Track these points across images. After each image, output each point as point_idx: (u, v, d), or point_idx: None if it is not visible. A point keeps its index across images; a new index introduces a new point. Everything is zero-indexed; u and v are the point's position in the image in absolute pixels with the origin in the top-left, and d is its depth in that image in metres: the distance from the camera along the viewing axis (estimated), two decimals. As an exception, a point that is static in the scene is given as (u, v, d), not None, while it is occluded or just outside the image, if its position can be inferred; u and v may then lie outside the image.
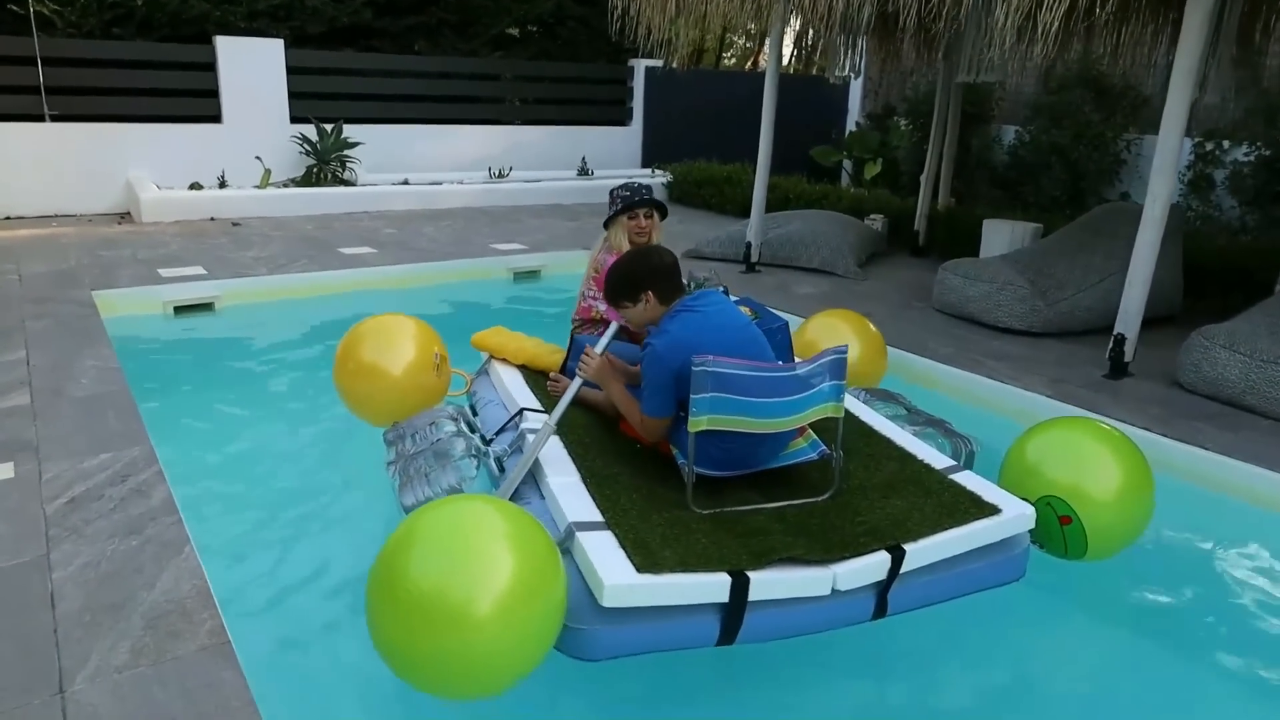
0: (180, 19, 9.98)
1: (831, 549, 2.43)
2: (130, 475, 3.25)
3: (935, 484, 2.80)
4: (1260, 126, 8.54)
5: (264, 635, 2.64)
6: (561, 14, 12.86)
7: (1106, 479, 2.76)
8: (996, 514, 2.62)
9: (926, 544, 2.48)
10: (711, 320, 2.76)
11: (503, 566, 2.00)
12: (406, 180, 10.77)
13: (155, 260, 6.90)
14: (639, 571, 2.24)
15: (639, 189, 3.85)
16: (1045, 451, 2.89)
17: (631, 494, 2.67)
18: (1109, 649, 2.93)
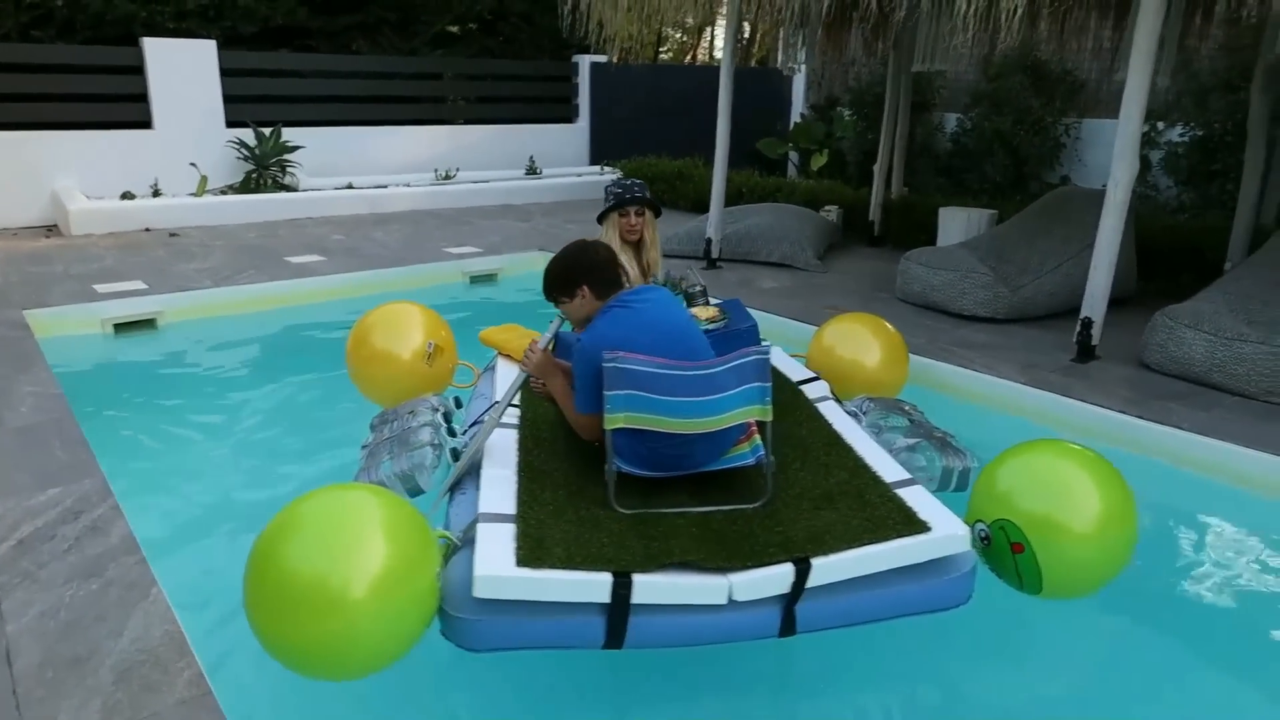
0: (104, 20, 9.54)
1: (734, 557, 2.32)
2: (84, 511, 3.03)
3: (876, 497, 2.59)
4: (1192, 108, 8.77)
5: (248, 682, 2.47)
6: (502, 10, 12.65)
7: (1071, 507, 2.43)
8: (924, 532, 2.38)
9: (838, 559, 2.29)
10: (642, 317, 2.72)
11: (373, 552, 2.03)
12: (351, 184, 10.46)
13: (90, 275, 6.55)
14: (518, 565, 2.21)
15: (631, 186, 3.76)
16: (1013, 473, 2.57)
17: (559, 490, 2.67)
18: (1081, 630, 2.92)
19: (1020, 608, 2.73)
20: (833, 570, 2.29)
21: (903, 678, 2.70)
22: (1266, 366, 4.32)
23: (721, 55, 7.30)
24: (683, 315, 2.85)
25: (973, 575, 2.45)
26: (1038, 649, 2.85)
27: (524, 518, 2.47)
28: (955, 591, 2.43)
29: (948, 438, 3.27)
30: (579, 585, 2.20)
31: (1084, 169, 10.06)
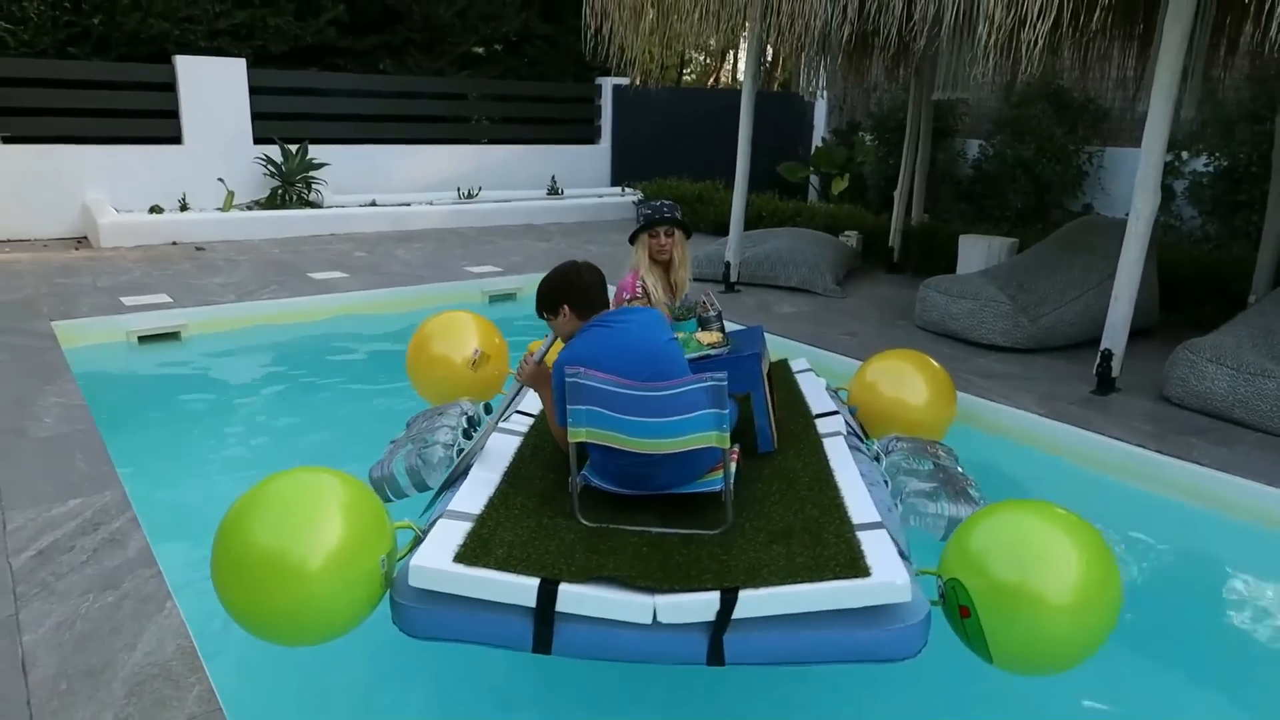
0: (138, 38, 9.73)
1: (666, 580, 2.32)
2: (103, 523, 3.07)
3: (833, 537, 2.48)
4: (1217, 138, 8.72)
5: (259, 698, 2.48)
6: (527, 32, 12.79)
7: (1031, 577, 2.18)
8: (863, 577, 2.26)
9: (766, 594, 2.23)
10: (619, 337, 2.79)
11: (329, 531, 2.20)
12: (374, 201, 10.58)
13: (117, 288, 6.66)
14: (455, 561, 2.32)
15: (660, 206, 3.77)
16: (979, 532, 2.35)
17: (533, 498, 2.75)
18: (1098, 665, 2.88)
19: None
20: (760, 604, 2.23)
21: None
22: (1290, 402, 4.26)
23: (743, 79, 7.35)
24: (659, 338, 2.85)
25: (923, 628, 2.25)
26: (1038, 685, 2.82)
27: (484, 519, 2.59)
28: (898, 643, 2.23)
29: (968, 486, 3.11)
30: (506, 587, 2.27)
31: (1107, 198, 10.01)
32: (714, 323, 3.46)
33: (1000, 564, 2.22)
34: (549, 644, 2.28)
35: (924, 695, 2.67)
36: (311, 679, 2.68)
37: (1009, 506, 2.42)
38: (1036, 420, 4.47)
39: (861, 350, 5.47)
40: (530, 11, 12.55)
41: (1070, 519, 2.32)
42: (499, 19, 12.26)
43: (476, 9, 11.97)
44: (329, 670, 2.71)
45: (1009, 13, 4.48)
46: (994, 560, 2.24)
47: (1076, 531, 2.28)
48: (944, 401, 3.84)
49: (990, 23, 4.55)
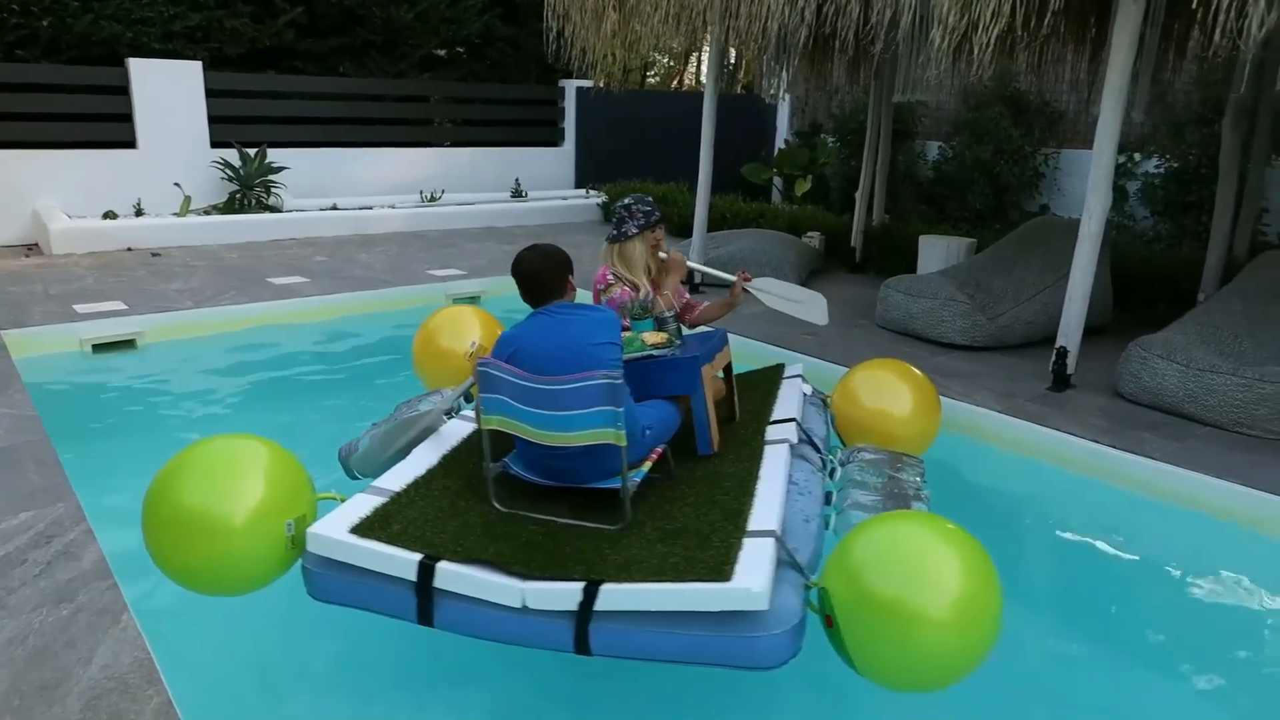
0: (90, 40, 9.52)
1: (537, 567, 2.40)
2: (56, 535, 3.01)
3: (719, 541, 2.49)
4: (1167, 141, 8.94)
5: (219, 709, 2.45)
6: (489, 35, 12.73)
7: (898, 588, 2.14)
8: (721, 581, 2.26)
9: (626, 589, 2.28)
10: (553, 328, 2.86)
11: (238, 493, 2.43)
12: (335, 205, 10.47)
13: (69, 295, 6.51)
14: (350, 531, 2.49)
15: (652, 205, 3.84)
16: (856, 541, 2.31)
17: (458, 481, 2.90)
18: (1051, 658, 2.94)
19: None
20: (620, 599, 2.27)
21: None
22: (1236, 398, 4.38)
23: (706, 82, 7.39)
24: (593, 338, 2.84)
25: (787, 639, 2.22)
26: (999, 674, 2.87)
27: (400, 496, 2.75)
28: (757, 651, 2.21)
29: (917, 501, 3.05)
30: (390, 559, 2.42)
31: (1063, 198, 10.21)
32: (669, 323, 3.47)
33: (865, 575, 2.20)
34: (430, 617, 2.41)
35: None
36: (271, 688, 2.64)
37: (890, 518, 2.42)
38: (995, 416, 4.55)
39: (822, 350, 5.54)
40: (492, 14, 12.50)
41: (953, 534, 2.28)
42: (460, 22, 12.19)
43: (437, 11, 11.89)
44: (289, 679, 2.68)
45: (962, 16, 4.55)
46: (860, 570, 2.21)
47: (954, 547, 2.24)
48: (928, 413, 3.76)
49: (944, 26, 4.62)
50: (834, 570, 2.28)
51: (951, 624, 2.13)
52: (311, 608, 2.98)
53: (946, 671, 2.19)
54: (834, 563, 2.29)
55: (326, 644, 2.88)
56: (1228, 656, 2.97)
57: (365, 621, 2.92)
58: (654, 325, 3.50)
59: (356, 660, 2.83)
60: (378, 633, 2.95)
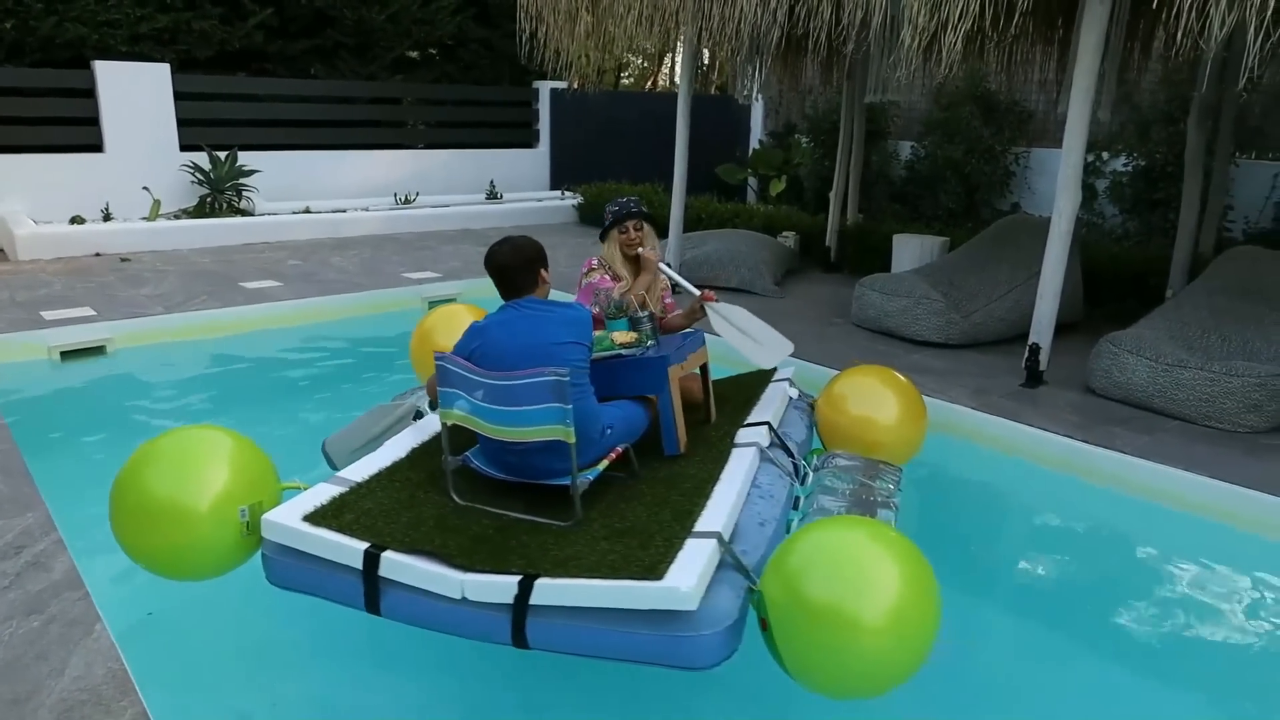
0: (54, 43, 9.37)
1: (477, 560, 2.45)
2: (26, 546, 2.96)
3: (662, 541, 2.49)
4: (1135, 139, 9.07)
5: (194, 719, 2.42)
6: (462, 36, 12.67)
7: (832, 591, 2.12)
8: (652, 580, 2.26)
9: (560, 584, 2.30)
10: (517, 324, 2.88)
11: (211, 480, 2.55)
12: (308, 208, 10.38)
13: (36, 301, 6.41)
14: (303, 519, 2.56)
15: (626, 203, 3.89)
16: (794, 545, 2.29)
17: (422, 473, 2.95)
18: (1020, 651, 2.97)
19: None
20: (553, 594, 2.30)
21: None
22: (1204, 391, 4.46)
23: (679, 82, 7.41)
24: (554, 337, 2.85)
25: (721, 640, 2.23)
26: (975, 667, 2.90)
27: (361, 486, 2.81)
28: (687, 651, 2.22)
29: (884, 509, 3.00)
30: (338, 548, 2.48)
31: (1033, 196, 10.33)
32: (644, 324, 3.46)
33: (799, 579, 2.18)
34: (377, 605, 2.46)
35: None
36: (247, 698, 2.62)
37: (829, 523, 2.42)
38: (970, 413, 4.59)
39: (799, 349, 5.55)
40: (465, 15, 12.45)
41: (891, 540, 2.26)
42: (432, 23, 12.13)
43: (409, 13, 11.82)
44: (264, 689, 2.65)
45: (931, 16, 4.60)
46: (795, 575, 2.19)
47: (891, 553, 2.21)
48: (910, 421, 3.69)
49: (914, 26, 4.67)
50: (771, 574, 2.26)
51: (884, 631, 2.11)
52: (289, 619, 2.97)
53: (878, 679, 2.17)
54: (772, 566, 2.28)
55: (304, 654, 2.86)
56: (1199, 647, 3.02)
57: (343, 631, 2.92)
58: (628, 325, 3.50)
59: (334, 670, 2.81)
60: (356, 642, 2.93)
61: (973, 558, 3.66)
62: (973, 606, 3.27)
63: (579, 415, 2.68)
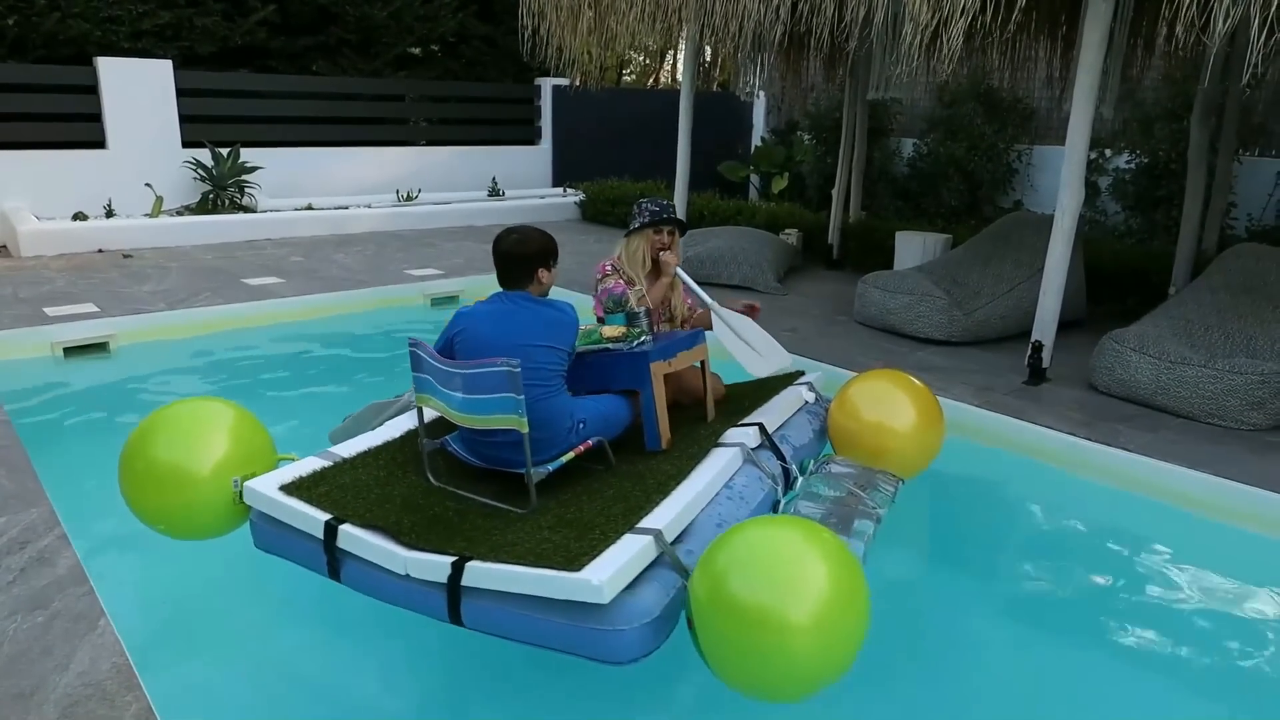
0: (57, 39, 9.38)
1: (421, 539, 2.57)
2: (30, 541, 2.97)
3: (600, 534, 2.53)
4: (1138, 136, 9.05)
5: (198, 714, 2.43)
6: (465, 33, 12.67)
7: (746, 592, 2.10)
8: (569, 570, 2.30)
9: (486, 568, 2.38)
10: (492, 313, 2.99)
11: (213, 449, 2.84)
12: (311, 205, 10.38)
13: (40, 298, 6.42)
14: (278, 489, 2.79)
15: (666, 206, 3.89)
16: (724, 544, 2.28)
17: (408, 454, 3.10)
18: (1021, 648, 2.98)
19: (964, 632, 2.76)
20: (479, 576, 2.39)
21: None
22: (1208, 389, 4.45)
23: (682, 79, 7.40)
24: (529, 339, 2.91)
25: (637, 636, 2.25)
26: (979, 666, 2.90)
27: (345, 462, 3.00)
28: (604, 644, 2.26)
29: (863, 521, 2.95)
30: (304, 517, 2.69)
31: (1036, 194, 10.32)
32: (640, 320, 3.47)
33: (723, 578, 2.16)
34: (338, 574, 2.66)
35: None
36: (253, 691, 2.63)
37: (759, 522, 2.40)
38: (972, 410, 4.59)
39: (801, 345, 5.56)
40: (467, 12, 12.44)
41: (821, 541, 2.23)
42: (435, 20, 12.12)
43: (412, 10, 11.82)
44: (271, 681, 2.66)
45: (933, 13, 4.59)
46: (718, 573, 2.18)
47: (819, 555, 2.18)
48: (927, 428, 3.58)
49: (915, 22, 4.66)
50: (698, 572, 2.26)
51: (807, 633, 2.07)
52: (294, 614, 2.98)
53: (801, 681, 2.13)
54: (700, 564, 2.28)
55: (309, 647, 2.87)
56: (1201, 645, 3.02)
57: (350, 627, 2.93)
58: (625, 320, 3.51)
59: (342, 664, 2.82)
60: (364, 639, 2.94)
61: (974, 555, 3.66)
62: (974, 603, 3.28)
63: (546, 411, 2.84)
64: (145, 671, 2.32)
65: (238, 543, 3.47)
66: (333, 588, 2.72)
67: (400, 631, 2.89)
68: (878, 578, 3.38)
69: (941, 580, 3.49)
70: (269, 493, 2.77)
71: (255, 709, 2.56)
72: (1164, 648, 3.01)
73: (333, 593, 3.05)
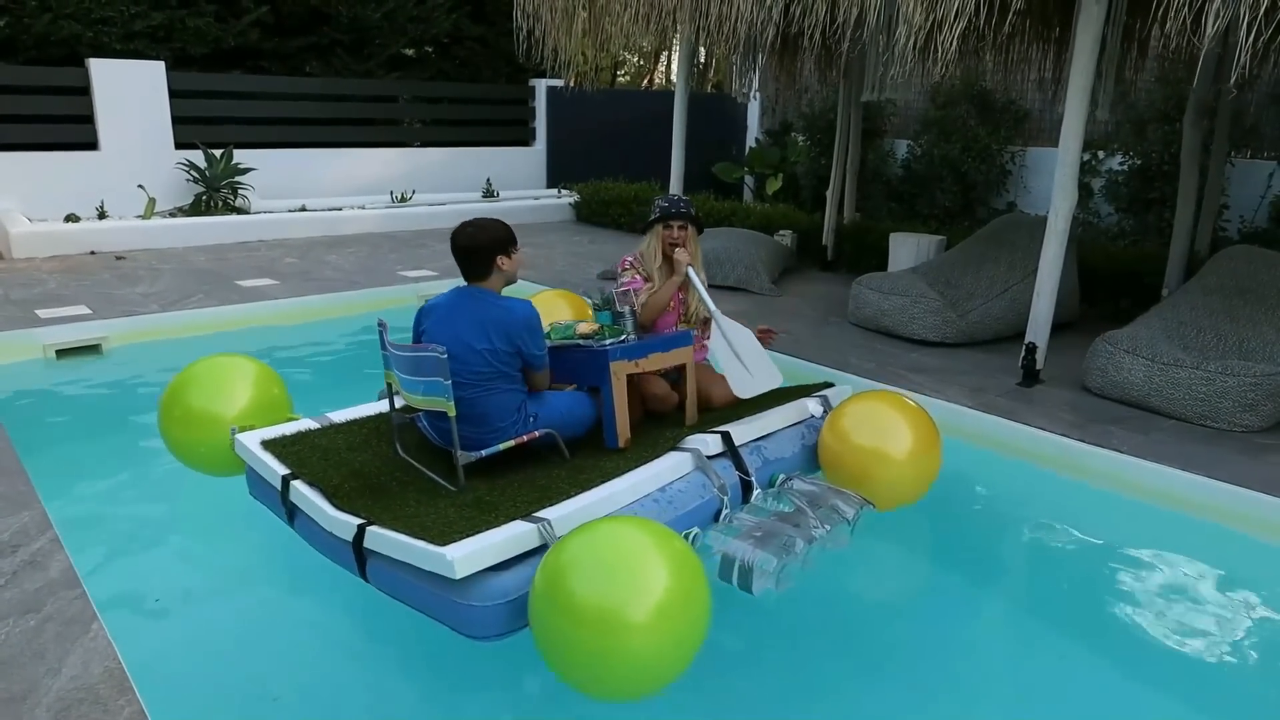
0: (48, 41, 9.34)
1: (349, 501, 2.86)
2: (22, 545, 2.95)
3: (494, 516, 2.69)
4: (1130, 138, 9.09)
5: (192, 718, 2.42)
6: (458, 34, 12.66)
7: (575, 591, 2.16)
8: (435, 545, 2.46)
9: (381, 533, 2.63)
10: (450, 308, 3.15)
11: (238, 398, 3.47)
12: (304, 207, 10.36)
13: (31, 300, 6.39)
14: (260, 443, 3.24)
15: (677, 201, 3.91)
16: (566, 543, 2.33)
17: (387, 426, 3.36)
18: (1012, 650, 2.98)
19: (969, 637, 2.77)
20: (375, 540, 2.64)
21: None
22: (1200, 391, 4.47)
23: (676, 80, 7.40)
24: (469, 332, 3.05)
25: (490, 615, 2.37)
26: (979, 668, 2.91)
27: (329, 427, 3.44)
28: (461, 618, 2.44)
29: (796, 542, 2.88)
30: (270, 470, 3.10)
31: (1029, 196, 10.35)
32: (625, 319, 3.52)
33: (557, 574, 2.22)
34: (292, 523, 3.03)
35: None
36: (245, 696, 2.61)
37: (601, 523, 2.43)
38: (966, 412, 4.60)
39: (796, 347, 5.57)
40: (460, 13, 12.43)
41: (659, 543, 2.24)
42: (428, 20, 12.11)
43: (405, 10, 11.80)
44: (262, 686, 2.65)
45: (927, 16, 4.60)
46: (554, 570, 2.24)
47: (655, 554, 2.19)
48: (924, 453, 3.43)
49: (909, 24, 4.67)
50: (541, 567, 2.33)
51: (642, 630, 2.09)
52: (290, 616, 2.97)
53: (637, 680, 2.16)
54: (543, 560, 2.36)
55: (301, 650, 2.86)
56: (1192, 646, 3.03)
57: (339, 629, 2.92)
58: (610, 318, 3.56)
59: (337, 669, 2.81)
60: (357, 635, 2.94)
61: (968, 556, 3.67)
62: (969, 605, 3.29)
63: (484, 406, 3.06)
64: (138, 675, 2.31)
65: (231, 548, 3.47)
66: (330, 593, 2.71)
67: (397, 639, 2.89)
68: (871, 578, 3.39)
69: (935, 581, 3.49)
70: (251, 445, 3.21)
71: (248, 712, 2.55)
72: (1153, 649, 3.01)
73: (330, 597, 3.05)
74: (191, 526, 3.64)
